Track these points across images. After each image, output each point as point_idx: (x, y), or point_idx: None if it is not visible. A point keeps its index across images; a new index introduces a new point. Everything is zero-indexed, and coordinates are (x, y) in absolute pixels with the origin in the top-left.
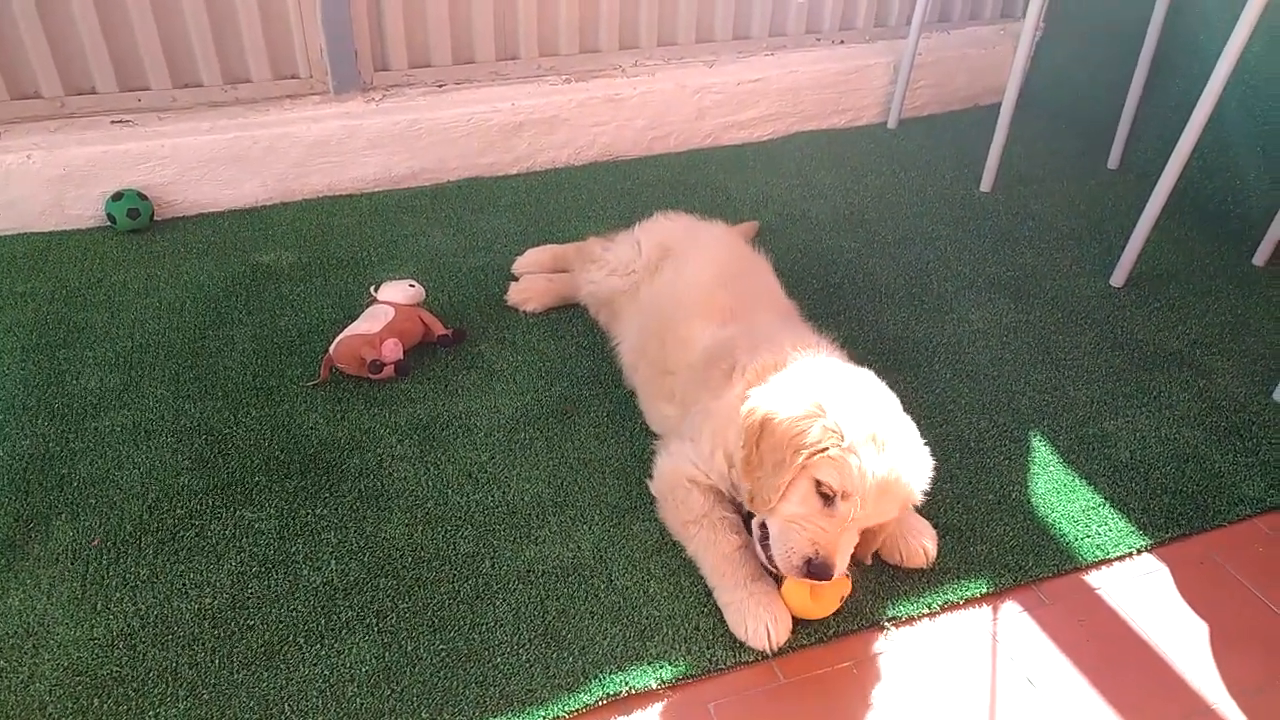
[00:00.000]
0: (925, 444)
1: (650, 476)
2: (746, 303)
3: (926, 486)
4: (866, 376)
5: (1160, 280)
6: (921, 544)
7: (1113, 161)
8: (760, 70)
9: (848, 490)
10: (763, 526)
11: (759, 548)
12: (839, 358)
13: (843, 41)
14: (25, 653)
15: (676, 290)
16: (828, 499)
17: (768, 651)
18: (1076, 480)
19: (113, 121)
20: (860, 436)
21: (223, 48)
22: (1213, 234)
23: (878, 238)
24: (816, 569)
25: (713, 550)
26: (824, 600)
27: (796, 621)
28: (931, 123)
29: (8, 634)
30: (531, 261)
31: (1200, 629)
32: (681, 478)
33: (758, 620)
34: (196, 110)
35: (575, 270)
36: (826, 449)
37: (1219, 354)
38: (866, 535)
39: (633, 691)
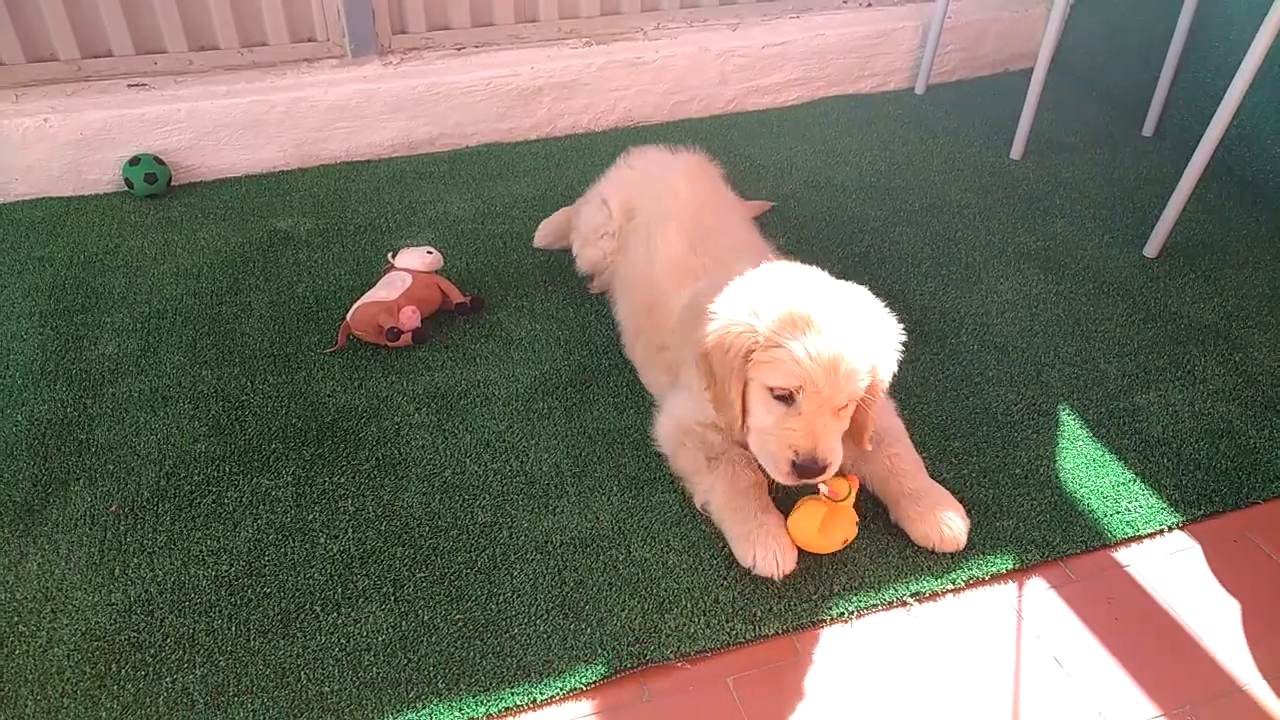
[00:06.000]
0: (889, 314)
1: (654, 437)
2: (718, 257)
3: (895, 354)
4: (795, 268)
5: (1195, 251)
6: (943, 526)
7: (1148, 128)
8: (785, 34)
9: (795, 385)
10: None
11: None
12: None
13: (870, 4)
14: (44, 617)
15: (652, 266)
16: (786, 399)
17: (775, 578)
18: (1106, 455)
19: (129, 85)
20: (779, 326)
21: (239, 10)
22: (1250, 203)
23: (904, 206)
24: (803, 468)
25: (728, 484)
26: (830, 535)
27: (805, 571)
28: (960, 88)
29: (26, 598)
30: (549, 230)
31: (1232, 608)
32: (688, 424)
33: (766, 549)
34: (213, 74)
35: None
36: (752, 352)
37: (1255, 327)
38: (852, 421)
39: (651, 664)
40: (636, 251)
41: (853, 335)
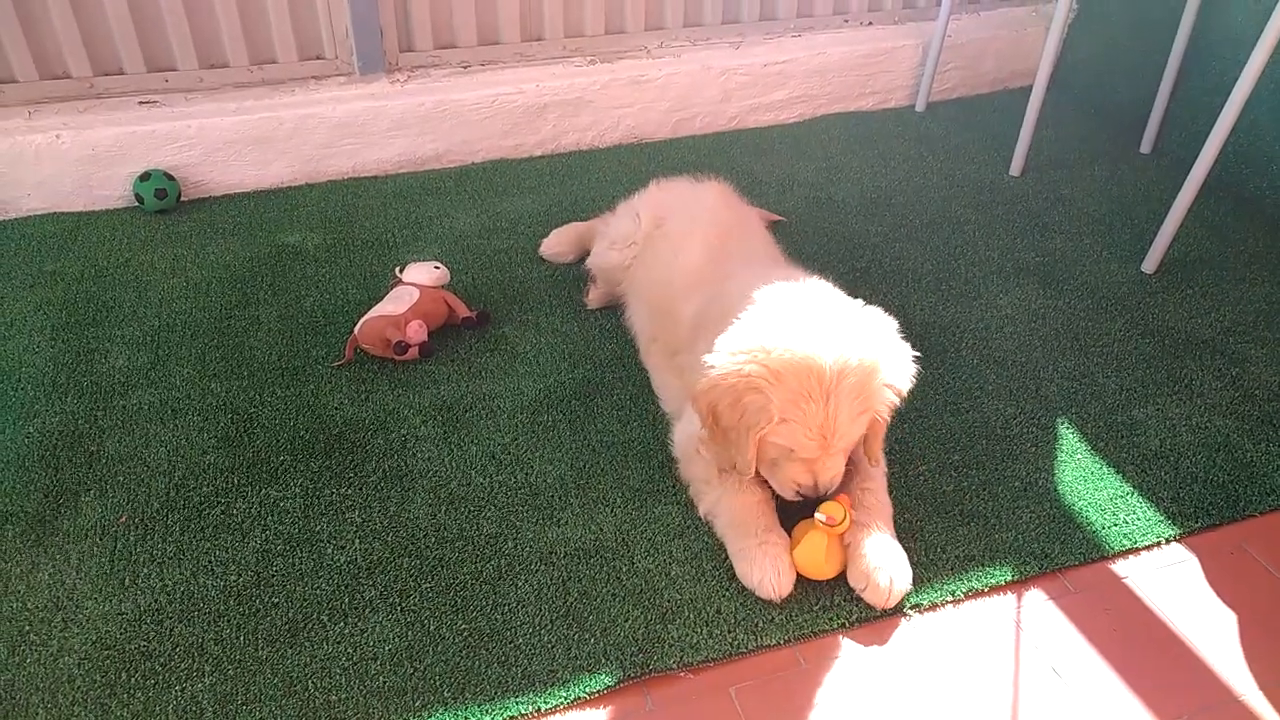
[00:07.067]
0: (900, 338)
1: (672, 442)
2: (731, 268)
3: (905, 381)
4: (810, 297)
5: (1193, 266)
6: (878, 578)
7: (1145, 146)
8: (787, 52)
9: (799, 449)
10: None
11: None
12: (797, 286)
13: (871, 23)
14: (54, 626)
15: (672, 271)
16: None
17: (774, 600)
18: (1104, 468)
19: (140, 102)
20: (791, 399)
21: (249, 28)
22: (1247, 219)
23: (905, 222)
24: (807, 494)
25: (732, 499)
26: (833, 560)
27: (807, 581)
28: (960, 105)
29: (38, 608)
30: (556, 242)
31: (1229, 619)
32: (694, 440)
33: (764, 571)
34: (223, 91)
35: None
36: (765, 426)
37: (1252, 342)
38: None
39: (654, 674)
40: (659, 257)
41: (857, 397)
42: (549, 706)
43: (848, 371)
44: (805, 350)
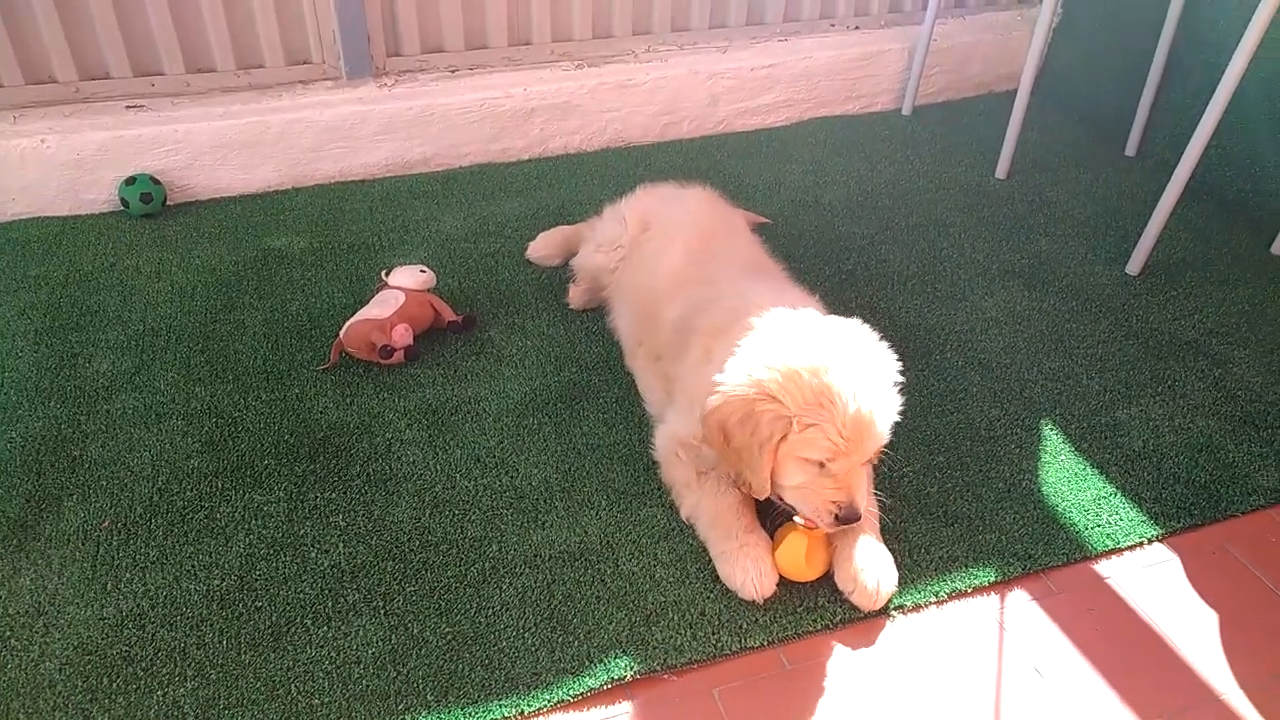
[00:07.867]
0: (888, 351)
1: (653, 446)
2: (714, 272)
3: (896, 410)
4: (799, 321)
5: (1177, 268)
6: (865, 580)
7: (1130, 149)
8: (774, 56)
9: (830, 457)
10: None
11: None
12: (795, 304)
13: (857, 27)
14: (36, 631)
15: (655, 276)
16: (820, 464)
17: (757, 601)
18: (1088, 469)
19: (127, 106)
20: (808, 405)
21: (236, 33)
22: (1230, 222)
23: (891, 224)
24: (845, 519)
25: (713, 501)
26: (814, 562)
27: (790, 583)
28: (946, 109)
29: (19, 613)
30: (543, 245)
31: (1210, 619)
32: (684, 438)
33: (745, 572)
34: (210, 95)
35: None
36: (786, 436)
37: (1235, 343)
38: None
39: (638, 676)
40: (644, 261)
41: (878, 401)
42: (532, 709)
43: (863, 370)
44: (819, 358)
